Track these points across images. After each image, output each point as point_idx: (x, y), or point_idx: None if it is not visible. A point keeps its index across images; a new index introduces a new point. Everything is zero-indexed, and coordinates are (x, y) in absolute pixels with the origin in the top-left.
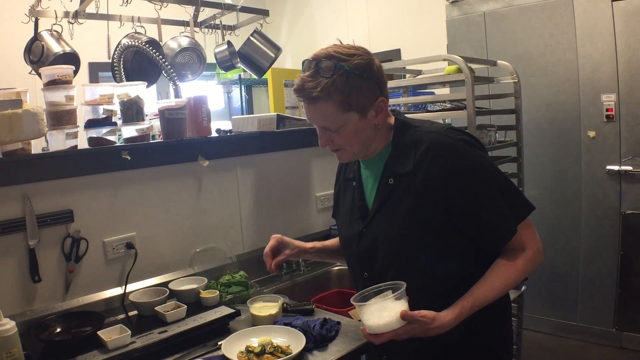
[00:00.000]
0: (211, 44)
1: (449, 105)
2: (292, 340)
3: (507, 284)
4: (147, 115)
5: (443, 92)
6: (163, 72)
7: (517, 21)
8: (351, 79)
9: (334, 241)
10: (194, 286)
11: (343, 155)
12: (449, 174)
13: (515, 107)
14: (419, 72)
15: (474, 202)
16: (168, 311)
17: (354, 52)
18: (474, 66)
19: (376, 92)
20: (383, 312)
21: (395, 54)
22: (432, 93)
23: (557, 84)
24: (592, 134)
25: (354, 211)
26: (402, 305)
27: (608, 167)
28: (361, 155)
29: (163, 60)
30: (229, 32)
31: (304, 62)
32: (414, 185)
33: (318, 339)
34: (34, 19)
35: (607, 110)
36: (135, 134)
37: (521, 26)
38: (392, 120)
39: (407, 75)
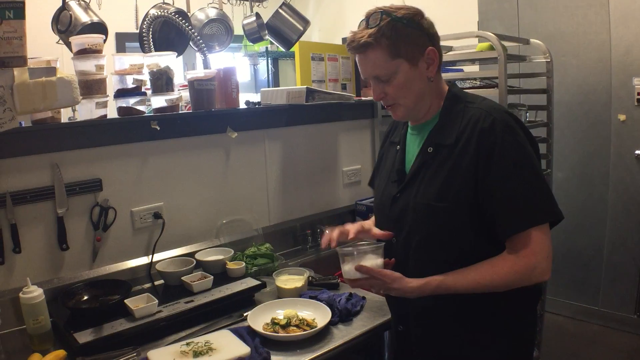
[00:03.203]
0: (238, 16)
1: (479, 83)
2: (317, 313)
3: (481, 283)
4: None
5: (471, 69)
6: (191, 43)
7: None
8: (398, 26)
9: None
10: (220, 257)
11: (397, 111)
12: (485, 151)
13: (547, 87)
14: (450, 49)
15: (496, 184)
16: (194, 281)
17: (402, 7)
18: (505, 44)
19: (425, 43)
20: (358, 261)
21: None
22: (461, 70)
23: (589, 66)
24: (622, 117)
25: (392, 174)
26: (374, 261)
27: (637, 152)
28: (415, 112)
29: (193, 31)
30: (257, 3)
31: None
32: (452, 158)
33: (343, 313)
34: None
35: (638, 94)
36: (164, 104)
37: (554, 5)
38: (445, 88)
39: None
